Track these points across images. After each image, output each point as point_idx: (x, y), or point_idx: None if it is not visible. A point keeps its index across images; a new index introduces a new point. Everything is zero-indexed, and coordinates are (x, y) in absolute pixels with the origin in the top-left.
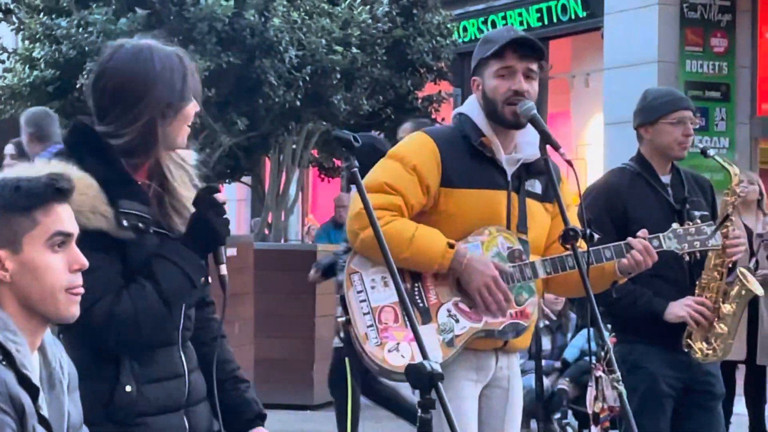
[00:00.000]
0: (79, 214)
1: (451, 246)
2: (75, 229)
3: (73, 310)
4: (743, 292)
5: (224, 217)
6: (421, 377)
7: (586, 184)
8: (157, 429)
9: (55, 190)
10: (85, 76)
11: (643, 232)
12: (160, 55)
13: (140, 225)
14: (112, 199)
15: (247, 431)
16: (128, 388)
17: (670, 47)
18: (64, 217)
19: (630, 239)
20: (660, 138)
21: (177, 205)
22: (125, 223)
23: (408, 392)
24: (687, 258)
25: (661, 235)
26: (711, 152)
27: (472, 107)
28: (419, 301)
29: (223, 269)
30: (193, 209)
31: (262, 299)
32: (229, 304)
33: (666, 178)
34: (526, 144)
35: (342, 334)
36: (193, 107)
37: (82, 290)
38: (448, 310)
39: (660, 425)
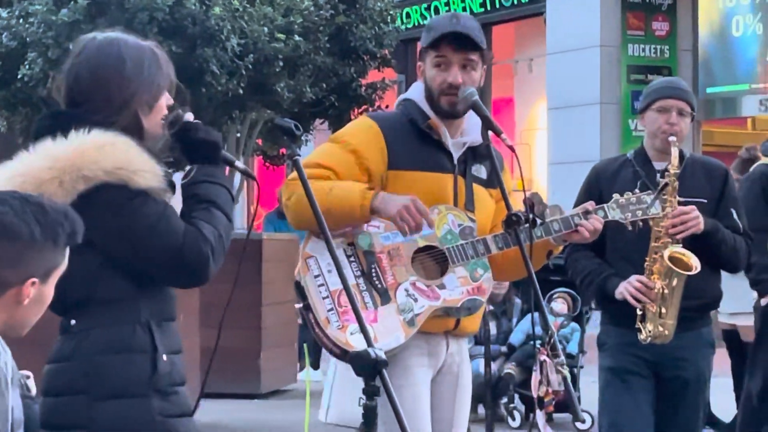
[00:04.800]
0: (135, 174)
1: (371, 189)
2: None
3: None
4: (675, 277)
5: (205, 126)
6: (365, 364)
7: (532, 168)
8: (184, 399)
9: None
10: (27, 67)
11: (590, 204)
12: (135, 49)
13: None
14: None
15: None
16: (165, 357)
17: (612, 31)
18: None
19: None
20: (647, 126)
21: None
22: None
23: None
24: (630, 228)
25: (605, 205)
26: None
27: (418, 92)
28: (377, 282)
29: (240, 164)
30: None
31: (207, 289)
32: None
33: (660, 165)
34: (473, 128)
35: (300, 321)
36: (165, 99)
37: None
38: (406, 290)
39: (622, 401)
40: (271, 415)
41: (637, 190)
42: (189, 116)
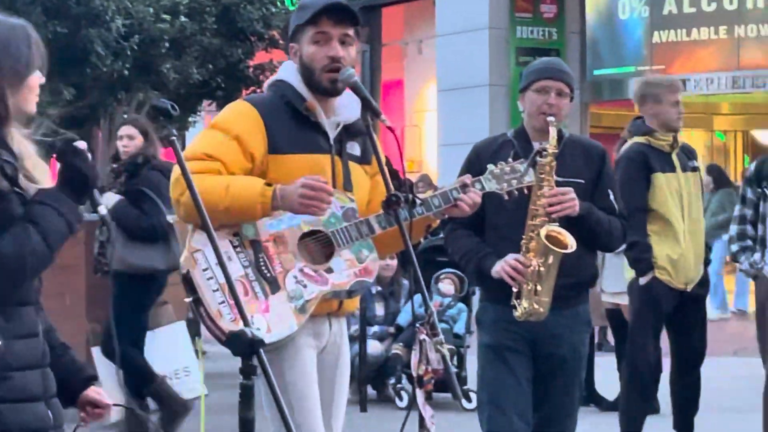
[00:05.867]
0: None
1: (269, 185)
2: None
3: None
4: (551, 255)
5: (90, 161)
6: (242, 344)
7: (422, 150)
8: (20, 384)
9: None
10: None
11: (467, 177)
12: (5, 27)
13: (13, 176)
14: None
15: (83, 390)
16: None
17: (501, 14)
18: None
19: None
20: (526, 106)
21: (29, 174)
22: (9, 171)
23: None
24: (507, 197)
25: (481, 177)
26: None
27: (291, 74)
28: (266, 271)
29: (102, 210)
30: (42, 180)
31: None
32: (60, 276)
33: (539, 144)
34: (344, 107)
35: (191, 314)
36: (37, 78)
37: None
38: (295, 277)
39: (501, 377)
40: None
41: (510, 160)
42: (81, 144)
